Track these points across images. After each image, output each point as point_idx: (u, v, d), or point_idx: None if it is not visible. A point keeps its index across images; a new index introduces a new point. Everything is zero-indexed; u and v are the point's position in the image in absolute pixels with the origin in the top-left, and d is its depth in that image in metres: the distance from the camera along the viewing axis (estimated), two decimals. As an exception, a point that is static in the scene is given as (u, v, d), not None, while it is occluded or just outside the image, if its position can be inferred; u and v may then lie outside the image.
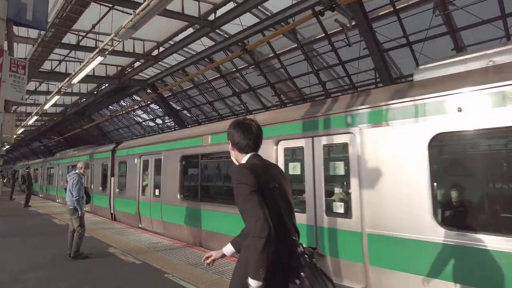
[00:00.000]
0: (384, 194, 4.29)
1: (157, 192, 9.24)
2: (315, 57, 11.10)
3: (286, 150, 5.74)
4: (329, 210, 4.96)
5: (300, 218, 5.01)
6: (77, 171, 6.74)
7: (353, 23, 8.89)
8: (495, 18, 7.62)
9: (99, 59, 8.34)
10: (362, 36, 8.93)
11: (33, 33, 9.04)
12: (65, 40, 11.24)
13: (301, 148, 5.44)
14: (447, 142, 4.09)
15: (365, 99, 4.75)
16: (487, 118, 3.59)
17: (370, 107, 4.58)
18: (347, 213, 4.72)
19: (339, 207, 4.86)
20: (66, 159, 18.17)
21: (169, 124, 20.74)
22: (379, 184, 4.34)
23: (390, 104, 4.36)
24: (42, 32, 7.53)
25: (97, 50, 8.06)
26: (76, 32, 11.27)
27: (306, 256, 2.00)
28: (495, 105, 3.57)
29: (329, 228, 4.90)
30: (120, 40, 7.51)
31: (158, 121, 21.80)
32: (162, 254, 6.49)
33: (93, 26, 10.21)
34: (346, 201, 4.79)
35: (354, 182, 4.63)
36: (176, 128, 18.45)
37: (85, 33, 11.04)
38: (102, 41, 8.25)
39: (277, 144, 5.76)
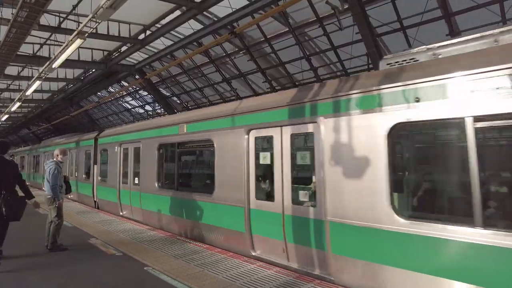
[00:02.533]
0: None
1: None
2: (306, 42, 10.75)
3: None
4: None
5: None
6: (54, 159, 6.45)
7: (346, 6, 8.54)
8: (491, 2, 7.34)
9: (79, 41, 7.92)
10: (354, 20, 8.59)
11: (7, 13, 8.54)
12: (45, 22, 10.72)
13: None
14: None
15: None
16: None
17: None
18: None
19: None
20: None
21: (159, 111, 20.34)
22: None
23: None
24: (15, 12, 7.07)
25: (75, 32, 7.63)
26: (57, 14, 10.74)
27: (6, 196, 5.00)
28: None
29: None
30: (99, 21, 7.09)
31: (148, 107, 21.39)
32: (144, 245, 6.28)
33: (74, 7, 9.69)
34: None
35: None
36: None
37: (65, 15, 10.52)
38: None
39: None
